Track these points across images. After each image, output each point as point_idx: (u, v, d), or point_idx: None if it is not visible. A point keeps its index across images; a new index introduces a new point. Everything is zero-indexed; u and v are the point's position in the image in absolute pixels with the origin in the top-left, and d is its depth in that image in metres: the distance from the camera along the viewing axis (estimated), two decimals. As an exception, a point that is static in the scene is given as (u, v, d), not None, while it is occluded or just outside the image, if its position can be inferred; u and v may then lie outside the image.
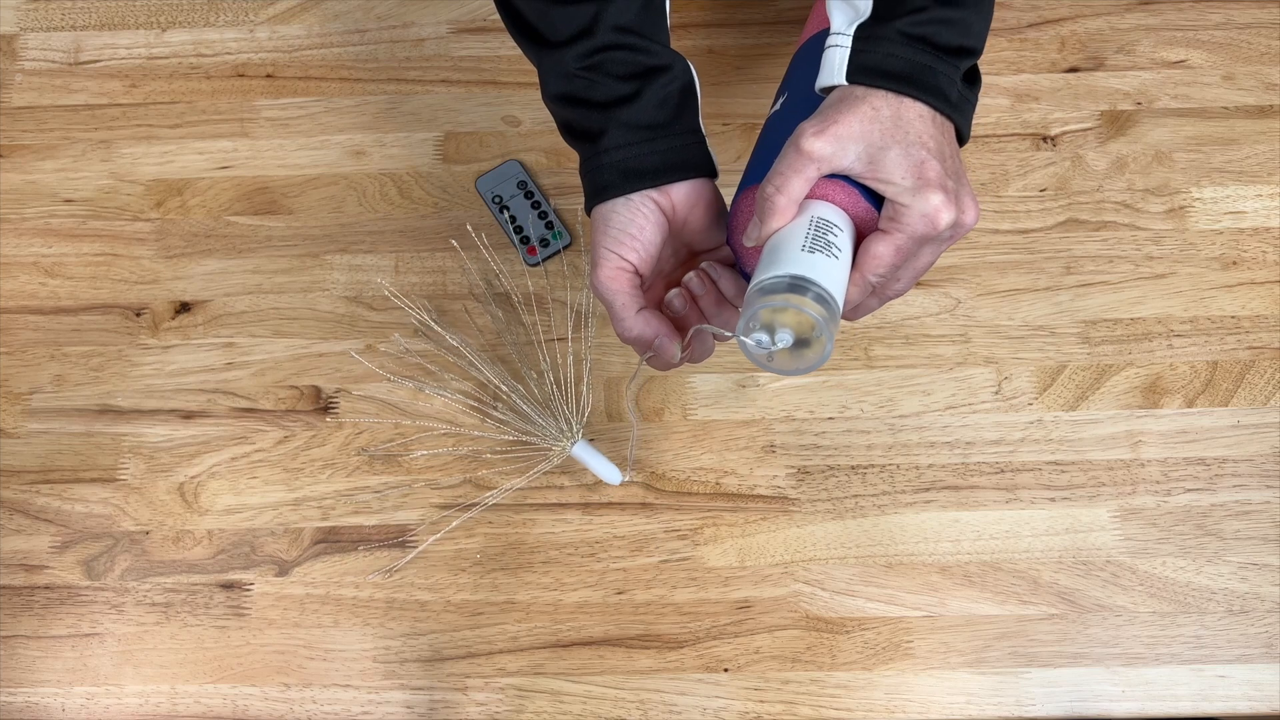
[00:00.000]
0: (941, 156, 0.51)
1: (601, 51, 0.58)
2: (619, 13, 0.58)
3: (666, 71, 0.59)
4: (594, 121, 0.58)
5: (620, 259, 0.56)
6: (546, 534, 0.74)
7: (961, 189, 0.52)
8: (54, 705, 0.72)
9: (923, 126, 0.51)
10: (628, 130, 0.57)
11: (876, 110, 0.51)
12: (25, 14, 0.92)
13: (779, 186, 0.52)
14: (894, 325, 0.79)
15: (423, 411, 0.77)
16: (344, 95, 0.88)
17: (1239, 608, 0.71)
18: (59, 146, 0.87)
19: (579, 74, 0.58)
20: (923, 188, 0.50)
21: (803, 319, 0.49)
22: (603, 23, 0.58)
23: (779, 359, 0.51)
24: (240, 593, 0.74)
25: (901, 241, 0.51)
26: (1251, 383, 0.76)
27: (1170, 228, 0.81)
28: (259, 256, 0.83)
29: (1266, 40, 0.86)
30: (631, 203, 0.57)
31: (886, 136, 0.51)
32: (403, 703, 0.71)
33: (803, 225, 0.51)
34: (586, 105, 0.58)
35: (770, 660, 0.71)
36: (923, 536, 0.73)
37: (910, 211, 0.51)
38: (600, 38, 0.58)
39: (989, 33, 0.57)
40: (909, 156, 0.50)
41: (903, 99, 0.51)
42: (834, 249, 0.51)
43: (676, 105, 0.59)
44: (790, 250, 0.50)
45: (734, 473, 0.75)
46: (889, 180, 0.51)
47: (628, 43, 0.58)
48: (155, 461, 0.77)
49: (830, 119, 0.51)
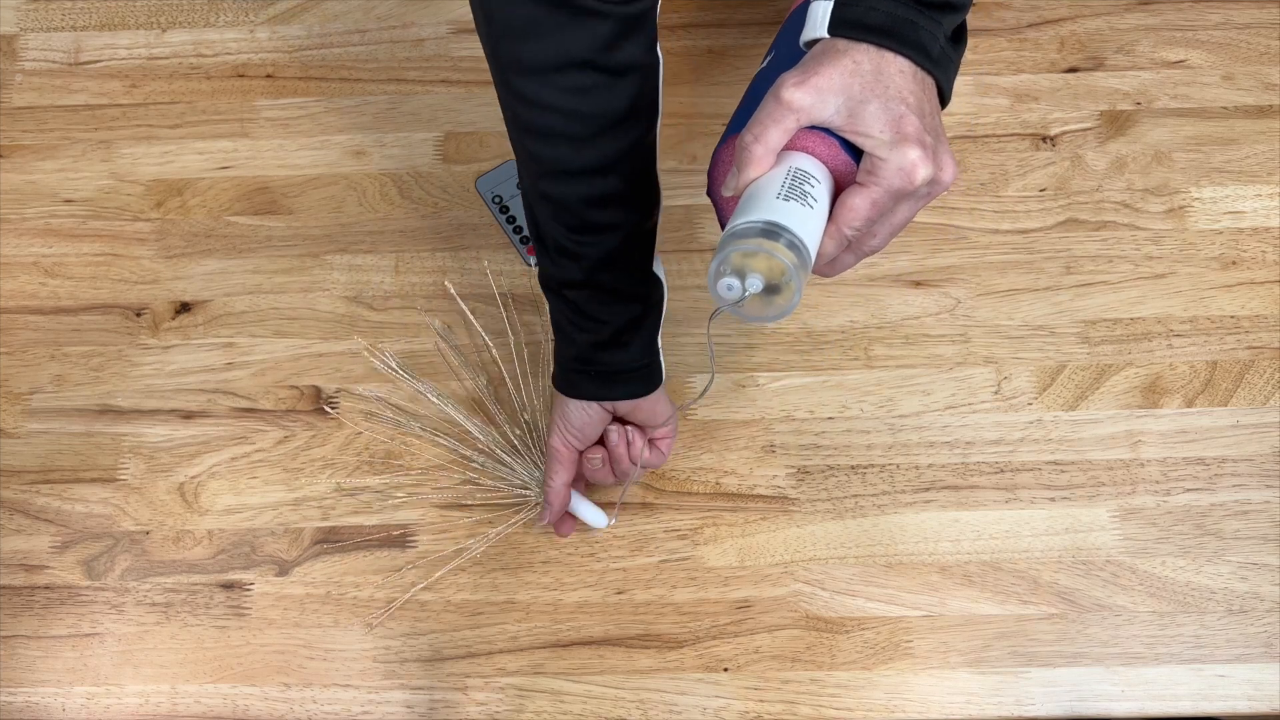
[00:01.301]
0: (921, 112, 0.51)
1: (593, 289, 0.66)
2: (609, 265, 0.65)
3: (651, 311, 0.68)
4: (577, 337, 0.67)
5: (569, 441, 0.69)
6: (546, 534, 0.74)
7: (940, 145, 0.52)
8: (54, 705, 0.72)
9: (903, 82, 0.51)
10: (600, 359, 0.67)
11: (858, 64, 0.51)
12: (25, 14, 0.92)
13: (757, 135, 0.52)
14: (894, 325, 0.79)
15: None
16: (344, 95, 0.88)
17: (1238, 607, 0.71)
18: (59, 146, 0.87)
19: (574, 301, 0.66)
20: (900, 142, 0.50)
21: (774, 264, 0.49)
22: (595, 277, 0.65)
23: (749, 305, 0.51)
24: (240, 593, 0.74)
25: (878, 195, 0.51)
26: (1251, 383, 0.76)
27: (1170, 228, 0.81)
28: (259, 256, 0.83)
29: (1266, 40, 0.86)
30: (588, 410, 0.68)
31: (866, 90, 0.51)
32: (403, 702, 0.71)
33: (780, 175, 0.51)
34: (578, 320, 0.66)
35: (770, 660, 0.71)
36: (922, 536, 0.73)
37: (887, 165, 0.51)
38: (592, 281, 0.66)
39: (986, 33, 0.57)
40: (888, 110, 0.50)
41: (884, 53, 0.51)
42: (810, 199, 0.51)
43: (648, 336, 0.68)
44: (766, 198, 0.50)
45: (734, 473, 0.75)
46: (867, 133, 0.51)
47: (623, 290, 0.66)
48: (155, 461, 0.77)
49: (811, 70, 0.51)
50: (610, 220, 0.63)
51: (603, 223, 0.63)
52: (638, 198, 0.64)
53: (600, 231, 0.63)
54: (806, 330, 0.79)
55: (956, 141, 0.83)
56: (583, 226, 0.63)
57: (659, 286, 0.69)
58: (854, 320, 0.79)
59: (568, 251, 0.64)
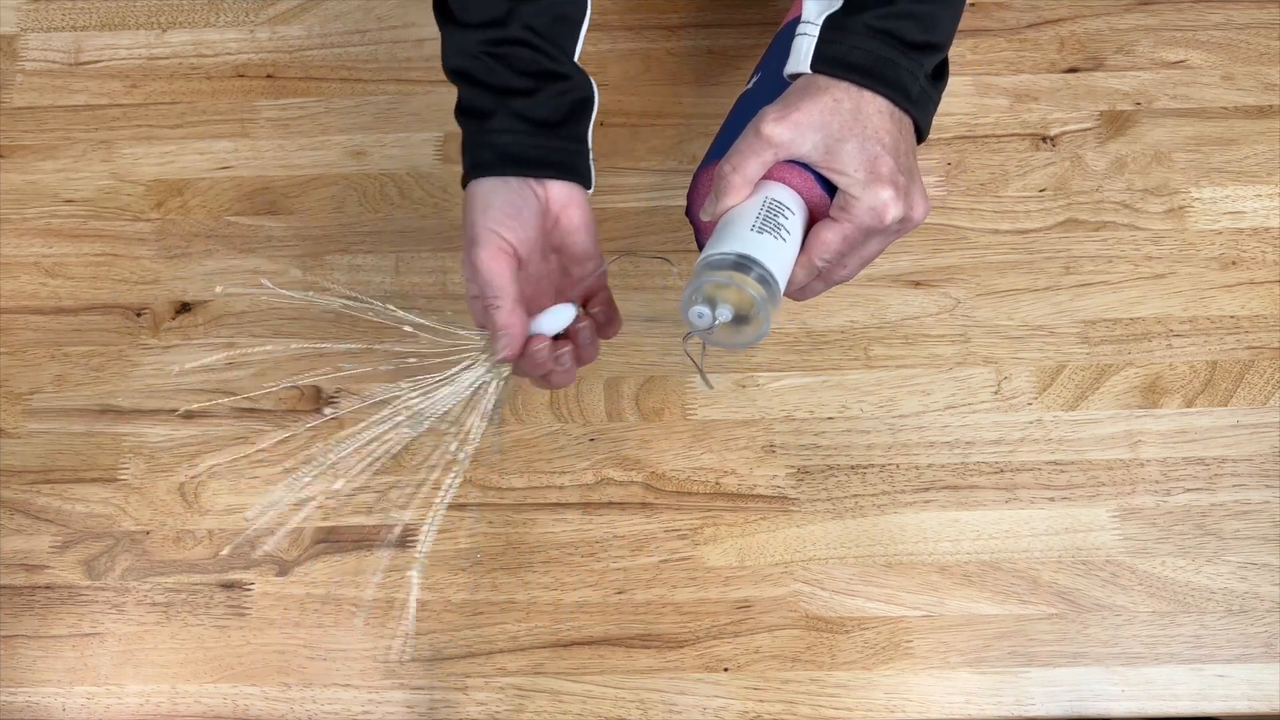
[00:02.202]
0: (896, 153, 0.53)
1: (507, 44, 0.59)
2: (533, 15, 0.59)
3: (565, 80, 0.60)
4: (485, 103, 0.59)
5: (502, 239, 0.56)
6: (546, 534, 0.74)
7: (913, 185, 0.54)
8: (54, 705, 0.72)
9: (880, 122, 0.53)
10: (516, 119, 0.58)
11: (838, 102, 0.53)
12: (25, 14, 0.92)
13: (735, 166, 0.54)
14: (893, 325, 0.79)
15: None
16: (344, 95, 0.88)
17: (1238, 607, 0.71)
18: (59, 147, 0.87)
19: (481, 56, 0.59)
20: (874, 182, 0.52)
21: (744, 297, 0.51)
22: (515, 18, 0.59)
23: (719, 332, 0.53)
24: (240, 593, 0.74)
25: (849, 231, 0.53)
26: (1251, 383, 0.76)
27: (1169, 228, 0.81)
28: (259, 256, 0.83)
29: (1266, 40, 0.86)
30: (510, 185, 0.57)
31: (845, 129, 0.52)
32: (403, 702, 0.71)
33: (755, 205, 0.53)
34: (481, 86, 0.59)
35: (770, 660, 0.71)
36: (922, 536, 0.74)
37: (860, 204, 0.52)
38: (509, 30, 0.59)
39: (984, 36, 0.58)
40: (864, 151, 0.52)
41: (864, 92, 0.53)
42: (783, 231, 0.53)
43: (568, 112, 0.60)
44: (740, 229, 0.52)
45: (734, 473, 0.76)
46: (843, 171, 0.52)
47: (534, 43, 0.59)
48: (156, 461, 0.77)
49: (792, 106, 0.53)
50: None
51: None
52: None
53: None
54: (806, 330, 0.79)
55: (956, 142, 0.84)
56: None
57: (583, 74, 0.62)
58: (854, 320, 0.79)
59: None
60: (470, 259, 0.56)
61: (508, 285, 0.55)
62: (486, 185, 0.57)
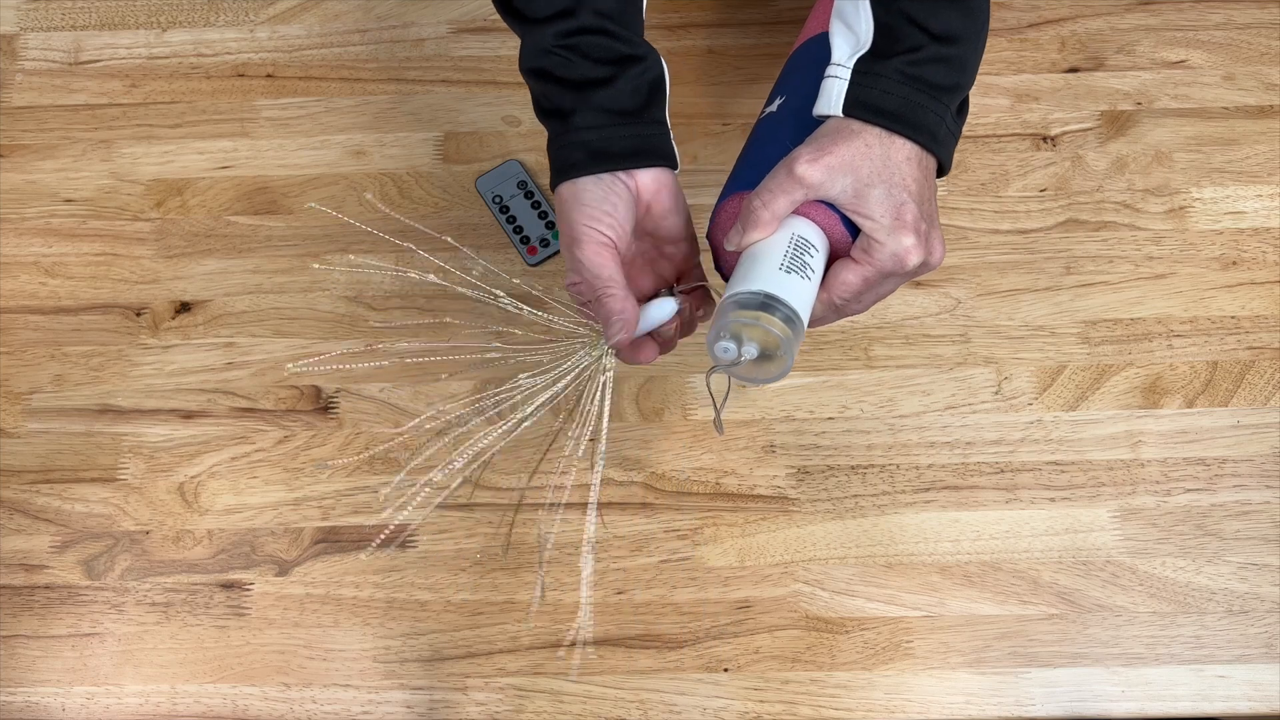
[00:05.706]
0: (920, 200, 0.54)
1: (580, 34, 0.59)
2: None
3: (640, 61, 0.60)
4: (566, 100, 0.59)
5: (601, 235, 0.57)
6: (546, 534, 0.74)
7: (933, 232, 0.55)
8: (54, 705, 0.72)
9: (909, 169, 0.54)
10: (599, 113, 0.59)
11: (869, 147, 0.54)
12: (25, 14, 0.92)
13: (765, 203, 0.55)
14: (894, 325, 0.79)
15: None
16: (344, 95, 0.88)
17: (1239, 608, 0.71)
18: (59, 146, 0.87)
19: (555, 50, 0.59)
20: (898, 229, 0.53)
21: (769, 336, 0.52)
22: (583, 6, 0.59)
23: (743, 368, 0.54)
24: (240, 593, 0.74)
25: (870, 274, 0.55)
26: (1251, 383, 0.76)
27: (1170, 228, 0.81)
28: (259, 256, 0.83)
29: (1266, 40, 0.86)
30: (603, 182, 0.58)
31: (874, 174, 0.54)
32: (403, 702, 0.71)
33: (782, 242, 0.54)
34: (560, 83, 0.60)
35: (770, 660, 0.71)
36: (922, 536, 0.73)
37: (883, 249, 0.54)
38: (579, 20, 0.59)
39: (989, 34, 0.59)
40: (891, 198, 0.53)
41: (894, 138, 0.54)
42: (808, 270, 0.54)
43: (647, 95, 0.61)
44: (768, 266, 0.53)
45: (734, 473, 0.75)
46: (869, 216, 0.54)
47: (606, 28, 0.59)
48: (155, 461, 0.77)
49: (825, 149, 0.54)
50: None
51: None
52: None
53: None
54: (807, 330, 0.79)
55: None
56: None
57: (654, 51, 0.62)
58: (854, 320, 0.79)
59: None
60: (574, 255, 0.58)
61: (616, 274, 0.57)
62: (579, 184, 0.58)
